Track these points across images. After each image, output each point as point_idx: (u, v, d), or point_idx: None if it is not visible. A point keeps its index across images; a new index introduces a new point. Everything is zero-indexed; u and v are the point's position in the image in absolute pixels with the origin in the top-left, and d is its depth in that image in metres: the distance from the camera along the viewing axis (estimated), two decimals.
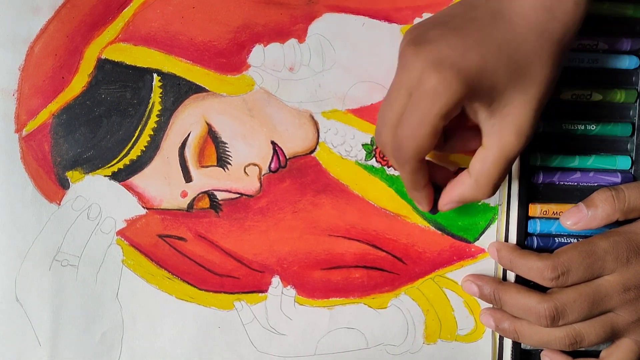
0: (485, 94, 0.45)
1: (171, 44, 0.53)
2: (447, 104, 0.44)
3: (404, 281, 0.55)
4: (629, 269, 0.50)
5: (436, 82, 0.44)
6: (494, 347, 0.56)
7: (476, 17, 0.46)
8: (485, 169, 0.47)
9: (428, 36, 0.45)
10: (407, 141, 0.46)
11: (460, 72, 0.44)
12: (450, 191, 0.50)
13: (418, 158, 0.47)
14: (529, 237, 0.55)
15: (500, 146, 0.46)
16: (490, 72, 0.44)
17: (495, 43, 0.45)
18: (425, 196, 0.51)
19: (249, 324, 0.55)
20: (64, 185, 0.53)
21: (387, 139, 0.47)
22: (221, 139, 0.54)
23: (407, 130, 0.45)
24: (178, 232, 0.54)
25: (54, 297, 0.53)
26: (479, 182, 0.48)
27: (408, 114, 0.45)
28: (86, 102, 0.53)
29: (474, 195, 0.49)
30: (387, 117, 0.47)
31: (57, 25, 0.52)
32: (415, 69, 0.44)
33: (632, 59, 0.54)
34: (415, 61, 0.45)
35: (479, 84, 0.44)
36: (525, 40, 0.45)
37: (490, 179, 0.48)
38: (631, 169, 0.55)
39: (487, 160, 0.47)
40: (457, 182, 0.50)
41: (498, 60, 0.44)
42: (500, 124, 0.46)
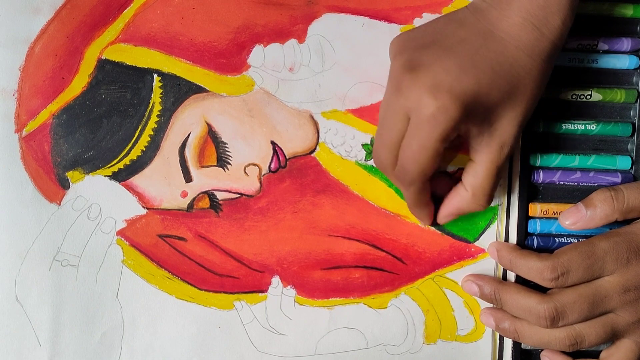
0: (479, 114, 0.46)
1: (171, 45, 0.53)
2: (446, 129, 0.45)
3: (404, 281, 0.55)
4: (629, 269, 0.50)
5: (434, 109, 0.45)
6: (494, 347, 0.56)
7: (467, 38, 0.47)
8: (479, 182, 0.49)
9: (422, 60, 0.46)
10: (411, 165, 0.47)
11: (457, 97, 0.45)
12: (448, 205, 0.52)
13: (422, 180, 0.48)
14: (529, 237, 0.55)
15: (489, 160, 0.48)
16: (484, 94, 0.46)
17: (488, 65, 0.46)
18: (427, 213, 0.53)
19: (249, 324, 0.55)
20: (64, 185, 0.53)
21: (388, 162, 0.49)
22: (221, 139, 0.54)
23: (410, 154, 0.47)
24: (178, 232, 0.54)
25: (54, 297, 0.53)
26: (476, 195, 0.50)
27: (409, 139, 0.47)
28: (86, 102, 0.53)
29: (471, 207, 0.51)
30: (386, 140, 0.48)
31: (57, 25, 0.53)
32: (413, 95, 0.45)
33: (632, 59, 0.54)
34: (412, 87, 0.46)
35: (474, 106, 0.45)
36: (516, 61, 0.46)
37: (484, 191, 0.50)
38: (631, 169, 0.55)
39: (479, 174, 0.49)
40: (455, 196, 0.51)
41: (492, 82, 0.46)
42: (488, 140, 0.48)
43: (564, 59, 0.54)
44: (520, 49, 0.46)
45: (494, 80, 0.46)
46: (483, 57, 0.46)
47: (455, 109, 0.45)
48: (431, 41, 0.47)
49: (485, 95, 0.46)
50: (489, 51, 0.46)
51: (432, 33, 0.48)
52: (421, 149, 0.46)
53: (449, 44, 0.47)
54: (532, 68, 0.47)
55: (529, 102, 0.47)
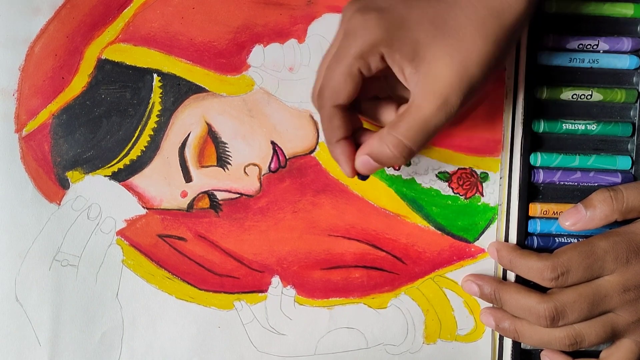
0: (407, 45, 0.45)
1: (171, 45, 0.53)
2: (363, 44, 0.45)
3: (404, 281, 0.55)
4: (629, 269, 0.50)
5: (357, 24, 0.45)
6: (493, 347, 0.56)
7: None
8: (400, 124, 0.46)
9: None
10: (326, 83, 0.46)
11: (382, 16, 0.44)
12: (364, 146, 0.48)
13: (333, 102, 0.47)
14: (529, 237, 0.55)
15: (418, 105, 0.45)
16: (413, 22, 0.45)
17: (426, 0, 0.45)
18: (342, 152, 0.49)
19: (249, 324, 0.55)
20: (64, 185, 0.53)
21: (315, 87, 0.48)
22: (221, 139, 0.54)
23: (328, 72, 0.46)
24: (178, 232, 0.54)
25: (54, 297, 0.53)
26: (392, 138, 0.46)
27: (332, 59, 0.46)
28: (86, 102, 0.53)
29: (383, 152, 0.47)
30: (319, 68, 0.48)
31: (57, 25, 0.53)
32: (346, 18, 0.46)
33: (632, 59, 0.54)
34: (347, 11, 0.46)
35: (400, 32, 0.45)
36: (457, 4, 0.45)
37: (404, 137, 0.46)
38: (631, 169, 0.55)
39: (404, 116, 0.46)
40: (373, 136, 0.48)
41: (425, 13, 0.45)
42: (423, 83, 0.45)
43: (564, 59, 0.54)
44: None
45: (427, 12, 0.45)
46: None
47: (376, 25, 0.44)
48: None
49: (414, 23, 0.45)
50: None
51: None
52: (338, 65, 0.45)
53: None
54: (476, 17, 0.44)
55: (471, 55, 0.44)
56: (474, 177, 0.55)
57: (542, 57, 0.54)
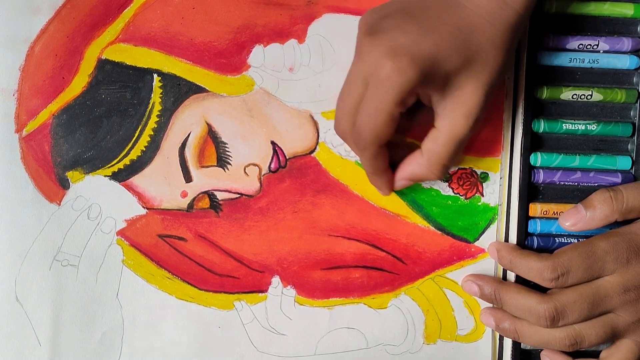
0: (439, 80, 0.46)
1: (171, 45, 0.53)
2: (402, 91, 0.45)
3: (404, 281, 0.55)
4: (629, 269, 0.50)
5: (390, 70, 0.45)
6: (494, 347, 0.56)
7: (430, 5, 0.47)
8: (436, 148, 0.48)
9: (383, 25, 0.47)
10: (366, 128, 0.47)
11: (414, 59, 0.45)
12: (403, 168, 0.51)
13: (377, 144, 0.48)
14: (529, 237, 0.55)
15: (450, 127, 0.48)
16: (443, 58, 0.45)
17: (448, 30, 0.46)
18: (386, 181, 0.52)
19: (249, 324, 0.55)
20: (64, 185, 0.53)
21: (347, 128, 0.49)
22: (221, 139, 0.54)
23: (365, 117, 0.47)
24: (178, 232, 0.54)
25: (54, 297, 0.53)
26: (430, 162, 0.49)
27: (365, 102, 0.47)
28: (86, 102, 0.53)
29: (424, 174, 0.50)
30: (346, 106, 0.48)
31: (57, 25, 0.53)
32: (371, 58, 0.46)
33: (632, 59, 0.54)
34: (371, 50, 0.46)
35: (432, 69, 0.45)
36: (477, 28, 0.46)
37: (441, 159, 0.49)
38: (632, 169, 0.55)
39: (438, 140, 0.48)
40: (410, 161, 0.51)
41: (451, 46, 0.46)
42: (452, 107, 0.47)
43: (564, 59, 0.54)
44: (482, 16, 0.46)
45: (453, 45, 0.46)
46: (443, 22, 0.46)
47: (411, 71, 0.45)
48: (395, 10, 0.47)
49: (444, 59, 0.45)
50: (450, 17, 0.46)
51: (398, 2, 0.48)
52: (376, 111, 0.46)
53: (411, 11, 0.47)
54: (494, 36, 0.46)
55: (493, 71, 0.47)
56: (474, 177, 0.55)
57: (542, 57, 0.54)
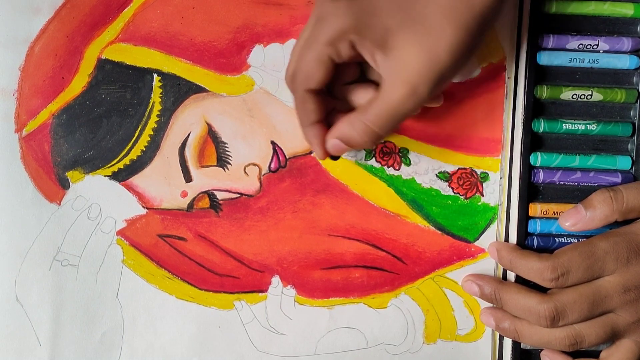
0: (377, 32, 0.45)
1: (171, 44, 0.53)
2: (333, 31, 0.45)
3: (404, 281, 0.55)
4: (629, 269, 0.50)
5: (328, 11, 0.45)
6: (493, 347, 0.56)
7: None
8: (369, 110, 0.47)
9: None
10: (298, 68, 0.47)
11: (351, 3, 0.45)
12: (335, 127, 0.49)
13: (305, 87, 0.47)
14: (529, 237, 0.55)
15: (387, 91, 0.46)
16: (383, 10, 0.45)
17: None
18: (315, 135, 0.50)
19: (249, 324, 0.55)
20: (64, 185, 0.53)
21: (289, 72, 0.48)
22: (221, 139, 0.54)
23: (298, 56, 0.47)
24: (178, 232, 0.54)
25: (54, 297, 0.53)
26: (360, 123, 0.47)
27: (304, 44, 0.47)
28: (86, 102, 0.53)
29: (351, 135, 0.48)
30: (292, 52, 0.48)
31: (57, 25, 0.53)
32: (318, 3, 0.46)
33: (632, 59, 0.54)
34: None
35: (370, 19, 0.45)
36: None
37: (371, 122, 0.47)
38: (631, 169, 0.55)
39: (373, 102, 0.47)
40: (344, 119, 0.49)
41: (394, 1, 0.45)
42: (393, 70, 0.45)
43: (564, 59, 0.54)
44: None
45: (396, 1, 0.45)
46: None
47: (346, 13, 0.44)
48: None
49: (384, 10, 0.45)
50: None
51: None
52: (309, 51, 0.46)
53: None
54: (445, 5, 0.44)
55: (440, 43, 0.44)
56: (474, 177, 0.55)
57: (542, 57, 0.54)
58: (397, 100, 0.46)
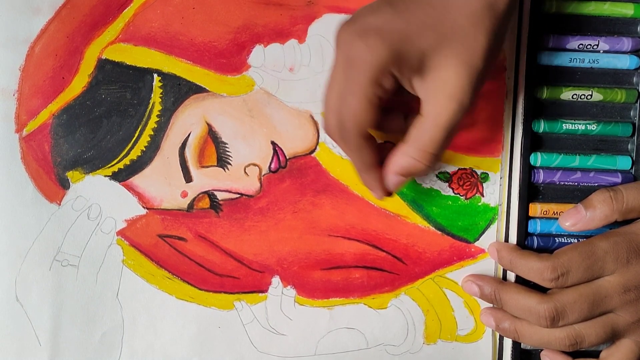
0: (414, 58, 0.45)
1: (171, 45, 0.53)
2: (374, 69, 0.44)
3: (404, 281, 0.55)
4: (629, 269, 0.50)
5: (360, 50, 0.44)
6: (494, 348, 0.56)
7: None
8: (422, 135, 0.46)
9: (358, 12, 0.46)
10: (347, 117, 0.46)
11: (383, 37, 0.44)
12: (390, 162, 0.49)
13: (359, 133, 0.46)
14: (529, 237, 0.55)
15: (434, 112, 0.46)
16: (414, 34, 0.44)
17: (420, 8, 0.45)
18: (374, 178, 0.49)
19: (249, 324, 0.55)
20: (64, 185, 0.53)
21: (333, 123, 0.47)
22: (221, 139, 0.54)
23: (345, 106, 0.45)
24: (178, 232, 0.54)
25: (54, 297, 0.53)
26: (417, 150, 0.47)
27: (344, 91, 0.45)
28: (86, 102, 0.53)
29: (411, 165, 0.47)
30: (330, 101, 0.47)
31: (57, 25, 0.53)
32: (344, 44, 0.45)
33: (632, 59, 0.54)
34: (343, 37, 0.45)
35: (404, 47, 0.44)
36: (453, 5, 0.45)
37: (428, 147, 0.46)
38: (632, 169, 0.55)
39: (423, 126, 0.46)
40: (397, 152, 0.48)
41: (423, 23, 0.44)
42: (434, 89, 0.45)
43: (564, 59, 0.54)
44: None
45: (426, 22, 0.44)
46: (416, 2, 0.45)
47: (381, 48, 0.44)
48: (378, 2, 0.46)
49: (416, 35, 0.44)
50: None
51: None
52: (353, 95, 0.45)
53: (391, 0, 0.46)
54: (472, 14, 0.45)
55: (475, 51, 0.45)
56: (474, 178, 0.55)
57: (542, 57, 0.54)
58: (447, 118, 0.45)
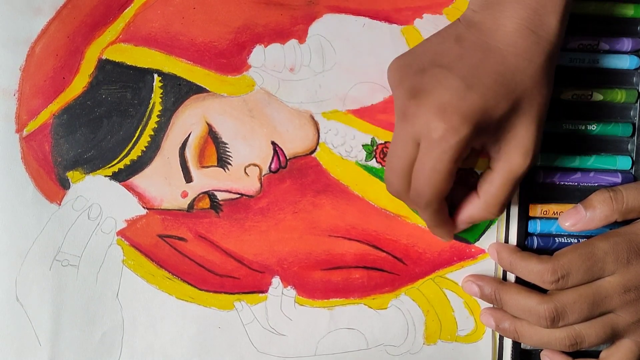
0: (491, 128, 0.46)
1: (172, 45, 0.53)
2: (458, 149, 0.45)
3: (404, 282, 0.55)
4: (629, 270, 0.50)
5: (444, 131, 0.44)
6: (494, 348, 0.56)
7: (465, 54, 0.46)
8: (493, 190, 0.48)
9: (424, 83, 0.46)
10: (425, 189, 0.47)
11: (464, 116, 0.44)
12: (462, 213, 0.51)
13: (438, 201, 0.48)
14: (529, 237, 0.55)
15: (507, 168, 0.47)
16: (491, 107, 0.45)
17: (490, 78, 0.45)
18: (447, 230, 0.52)
19: (249, 324, 0.55)
20: (64, 185, 0.53)
21: (401, 188, 0.49)
22: (222, 140, 0.54)
23: (423, 179, 0.47)
24: (178, 233, 0.54)
25: (54, 297, 0.53)
26: (488, 203, 0.49)
27: (421, 164, 0.46)
28: (87, 102, 0.53)
29: (482, 216, 0.50)
30: (398, 168, 0.48)
31: (58, 25, 0.53)
32: (421, 120, 0.45)
33: (632, 59, 0.54)
34: (417, 112, 0.45)
35: (484, 121, 0.45)
36: (518, 69, 0.46)
37: (498, 200, 0.49)
38: (632, 169, 0.55)
39: (495, 182, 0.48)
40: (468, 204, 0.51)
41: (497, 94, 0.45)
42: (507, 148, 0.47)
43: (564, 59, 0.54)
44: (519, 55, 0.46)
45: (499, 92, 0.45)
46: (484, 71, 0.45)
47: (464, 128, 0.44)
48: (429, 62, 0.47)
49: (493, 108, 0.45)
50: (488, 64, 0.46)
51: (429, 53, 0.47)
52: (434, 172, 0.46)
53: (448, 63, 0.46)
54: (535, 72, 0.46)
55: (541, 106, 0.47)
56: (474, 178, 0.55)
57: None
58: (521, 172, 0.48)
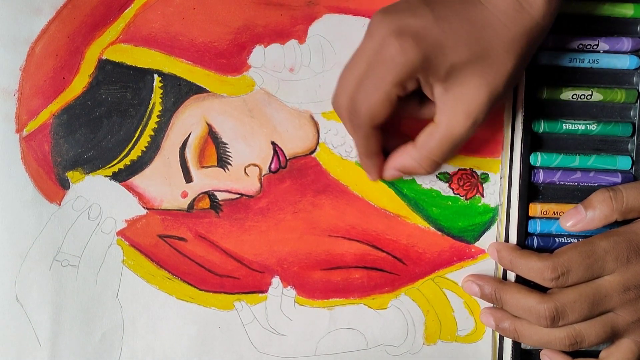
0: (442, 69, 0.46)
1: (172, 45, 0.53)
2: (402, 72, 0.45)
3: (404, 282, 0.55)
4: (629, 269, 0.50)
5: (394, 50, 0.45)
6: (494, 348, 0.56)
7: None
8: (430, 143, 0.48)
9: (397, 7, 0.46)
10: (362, 106, 0.47)
11: (418, 42, 0.44)
12: (394, 158, 0.51)
13: (371, 124, 0.48)
14: (529, 237, 0.55)
15: (447, 124, 0.47)
16: (449, 47, 0.45)
17: (459, 21, 0.45)
18: (374, 164, 0.52)
19: (249, 325, 0.55)
20: (64, 185, 0.53)
21: (344, 103, 0.48)
22: (222, 140, 0.54)
23: (363, 95, 0.47)
24: (178, 233, 0.54)
25: (54, 297, 0.53)
26: (422, 156, 0.49)
27: (365, 79, 0.46)
28: (87, 102, 0.53)
29: (414, 168, 0.50)
30: (346, 82, 0.48)
31: (58, 25, 0.53)
32: (378, 35, 0.46)
33: (632, 59, 0.54)
34: (379, 27, 0.46)
35: (436, 56, 0.45)
36: (491, 26, 0.46)
37: (433, 154, 0.48)
38: (631, 169, 0.55)
39: (434, 135, 0.48)
40: (402, 151, 0.50)
41: (459, 37, 0.45)
42: (453, 103, 0.47)
43: (564, 59, 0.54)
44: (497, 16, 0.46)
45: (462, 37, 0.45)
46: (457, 14, 0.45)
47: (414, 52, 0.44)
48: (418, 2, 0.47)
49: (450, 48, 0.45)
50: (465, 10, 0.46)
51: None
52: (374, 89, 0.46)
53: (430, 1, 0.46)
54: (507, 38, 0.46)
55: (501, 75, 0.46)
56: (474, 178, 0.55)
57: (542, 57, 0.54)
58: (459, 133, 0.47)
